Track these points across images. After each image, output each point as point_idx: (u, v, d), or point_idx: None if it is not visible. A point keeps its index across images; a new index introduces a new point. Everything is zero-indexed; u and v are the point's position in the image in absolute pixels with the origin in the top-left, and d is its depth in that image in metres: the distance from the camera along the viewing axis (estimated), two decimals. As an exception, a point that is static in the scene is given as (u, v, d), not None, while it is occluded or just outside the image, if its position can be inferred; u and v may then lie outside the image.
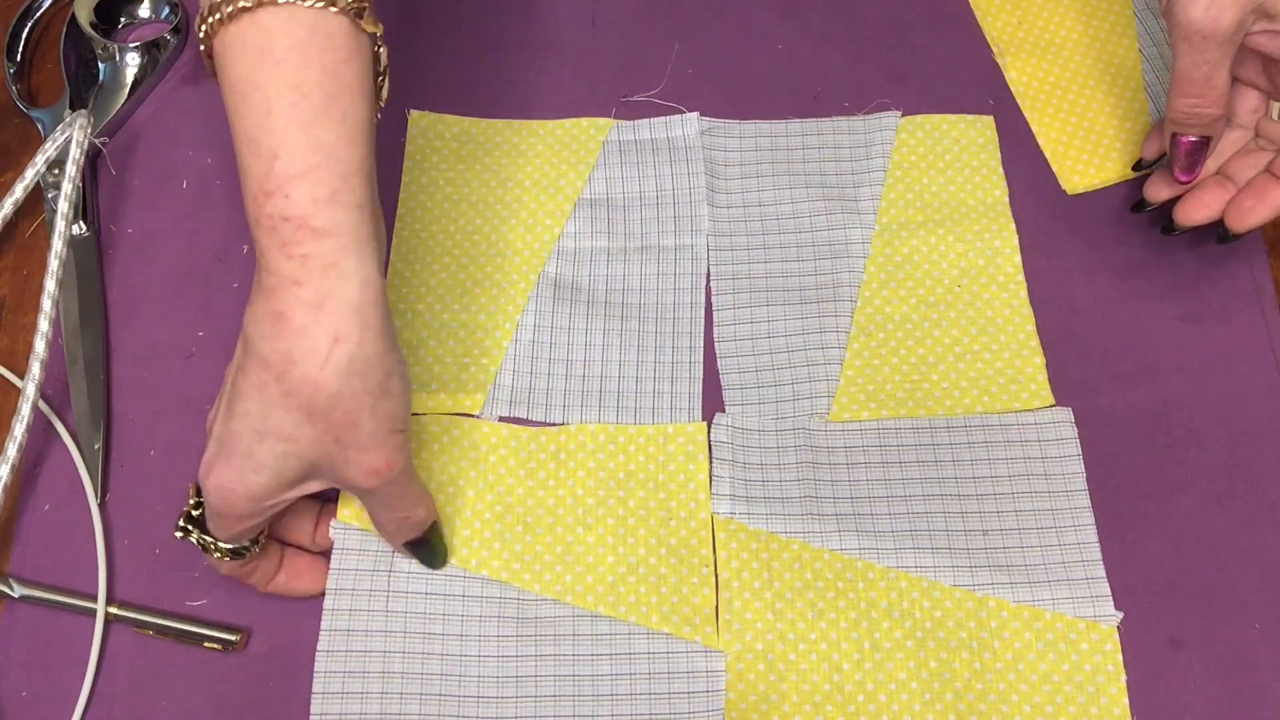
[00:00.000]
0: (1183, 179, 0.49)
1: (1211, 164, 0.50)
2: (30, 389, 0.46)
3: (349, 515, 0.46)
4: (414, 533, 0.44)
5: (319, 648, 0.45)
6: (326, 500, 0.47)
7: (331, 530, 0.46)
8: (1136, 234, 0.54)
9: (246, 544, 0.43)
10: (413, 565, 0.46)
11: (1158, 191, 0.51)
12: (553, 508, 0.48)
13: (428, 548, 0.45)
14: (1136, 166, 0.53)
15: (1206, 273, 0.53)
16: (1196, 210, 0.50)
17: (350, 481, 0.40)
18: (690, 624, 0.45)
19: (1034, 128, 0.57)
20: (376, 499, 0.41)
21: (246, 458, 0.39)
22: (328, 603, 0.45)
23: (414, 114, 0.57)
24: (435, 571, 0.46)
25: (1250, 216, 0.49)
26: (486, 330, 0.52)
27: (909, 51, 0.59)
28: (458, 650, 0.45)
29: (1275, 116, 0.50)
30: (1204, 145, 0.49)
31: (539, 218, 0.54)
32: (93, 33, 0.57)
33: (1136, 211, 0.53)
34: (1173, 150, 0.49)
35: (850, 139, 0.56)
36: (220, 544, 0.42)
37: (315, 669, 0.44)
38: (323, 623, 0.45)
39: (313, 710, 0.44)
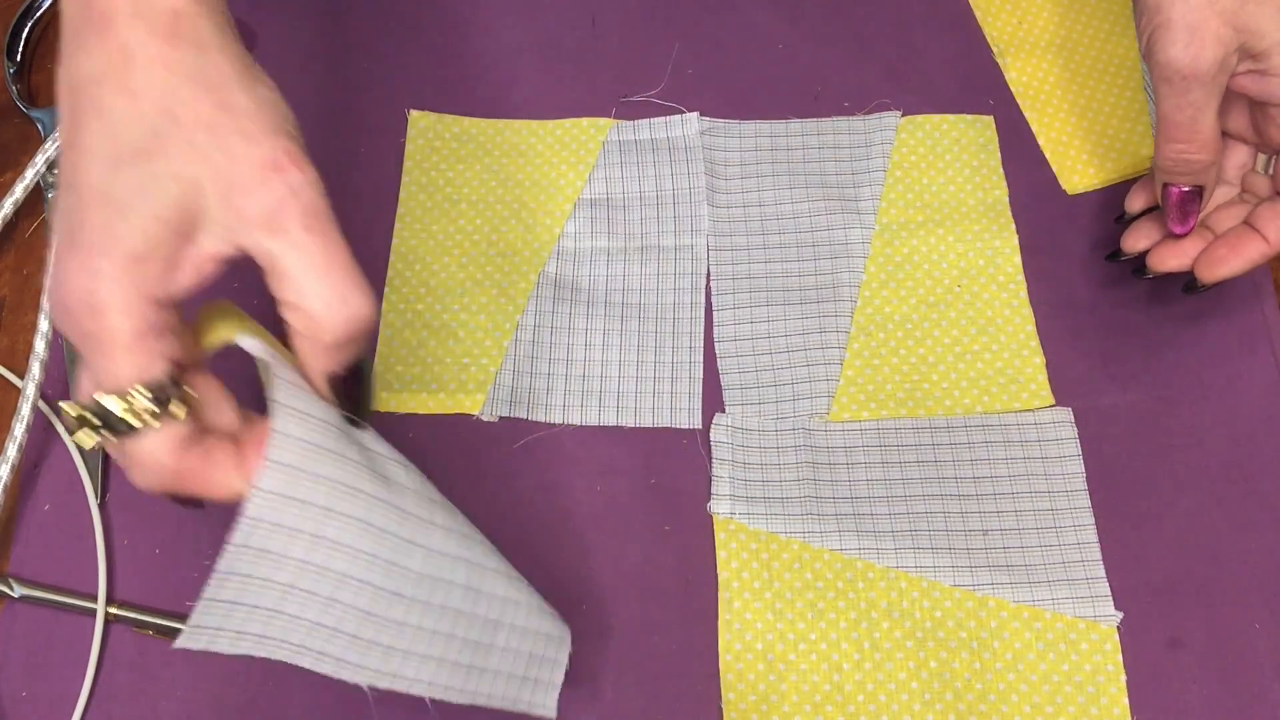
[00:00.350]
0: (1177, 231, 0.47)
1: None
2: (30, 389, 0.46)
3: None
4: (355, 336, 0.33)
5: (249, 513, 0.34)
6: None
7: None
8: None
9: (165, 383, 0.31)
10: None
11: (1135, 242, 0.50)
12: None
13: (359, 382, 0.35)
14: (1119, 220, 0.52)
15: (1206, 273, 0.53)
16: (1172, 256, 0.48)
17: (246, 189, 0.31)
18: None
19: (1034, 128, 0.57)
20: (297, 244, 0.31)
21: (103, 208, 0.30)
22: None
23: (414, 114, 0.57)
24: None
25: (1221, 267, 0.46)
26: (486, 330, 0.52)
27: (909, 51, 0.59)
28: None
29: (1261, 169, 0.48)
30: (1197, 195, 0.46)
31: (539, 218, 0.54)
32: (93, 33, 0.57)
33: (1111, 260, 0.52)
34: (1165, 201, 0.47)
35: (850, 139, 0.56)
36: (131, 395, 0.30)
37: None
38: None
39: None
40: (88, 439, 0.31)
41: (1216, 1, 0.42)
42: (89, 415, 0.31)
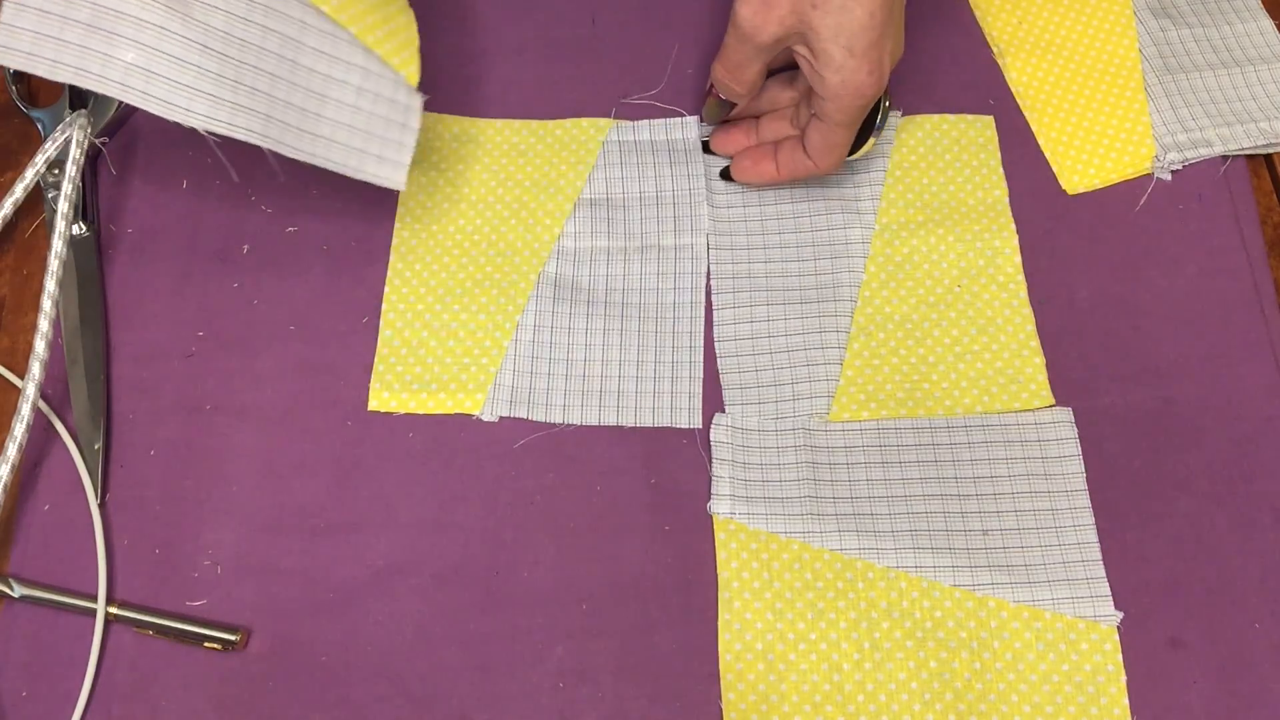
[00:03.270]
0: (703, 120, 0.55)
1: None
2: (30, 389, 0.46)
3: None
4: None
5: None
6: None
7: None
8: (1136, 234, 0.54)
9: None
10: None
11: (720, 145, 0.56)
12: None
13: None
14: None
15: (1207, 272, 0.53)
16: (725, 144, 0.55)
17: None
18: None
19: (1034, 128, 0.57)
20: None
21: None
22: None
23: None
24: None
25: (742, 176, 0.54)
26: (486, 330, 0.52)
27: (909, 51, 0.59)
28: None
29: (798, 122, 0.53)
30: (729, 104, 0.53)
31: (539, 217, 0.54)
32: (93, 33, 0.57)
33: (706, 153, 0.56)
34: (708, 92, 0.54)
35: (850, 139, 0.56)
36: None
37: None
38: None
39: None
40: None
41: None
42: None
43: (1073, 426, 0.50)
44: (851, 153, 0.52)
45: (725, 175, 0.55)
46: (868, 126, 0.51)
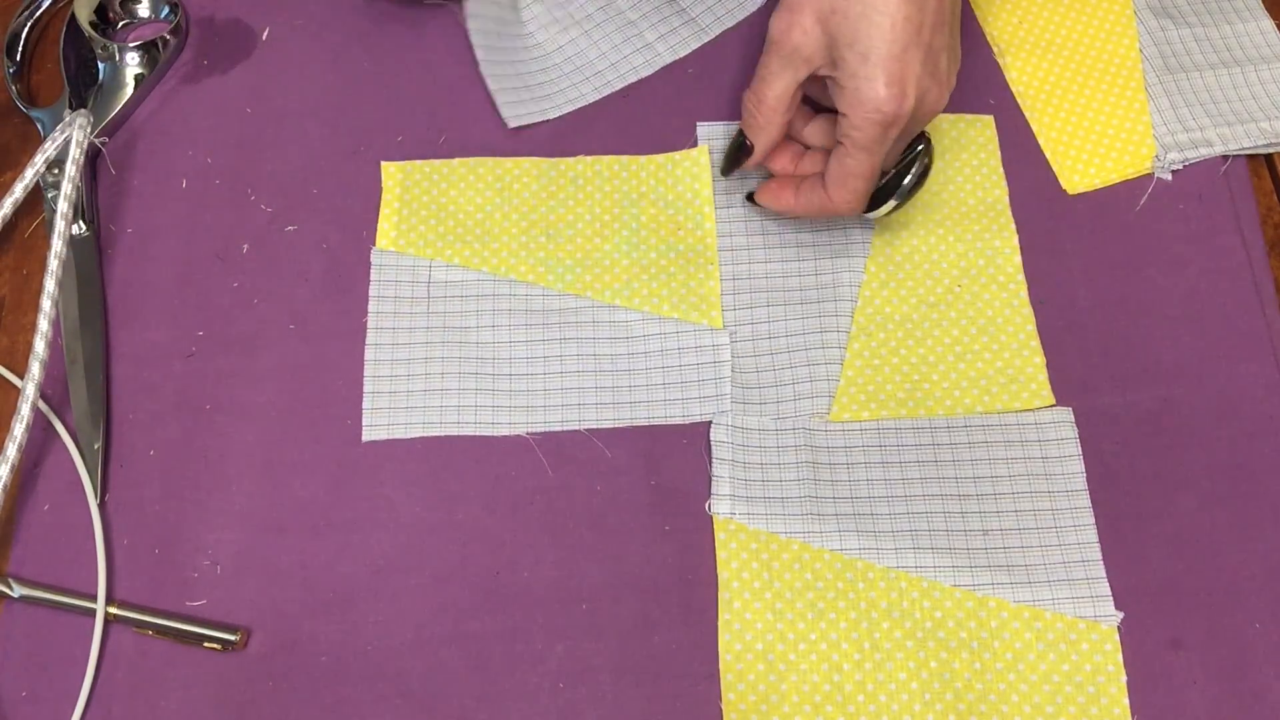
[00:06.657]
0: (722, 170, 0.53)
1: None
2: (30, 389, 0.46)
3: (385, 244, 0.52)
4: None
5: (367, 342, 0.51)
6: None
7: (372, 255, 0.52)
8: (1136, 234, 0.54)
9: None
10: (448, 274, 0.52)
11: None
12: (572, 222, 0.54)
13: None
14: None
15: (1206, 273, 0.53)
16: (770, 198, 0.52)
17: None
18: (697, 310, 0.52)
19: (1034, 128, 0.57)
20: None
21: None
22: (371, 308, 0.51)
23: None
24: (467, 277, 0.52)
25: (763, 198, 0.52)
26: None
27: (909, 51, 0.59)
28: (490, 339, 0.51)
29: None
30: (749, 150, 0.51)
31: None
32: (93, 33, 0.57)
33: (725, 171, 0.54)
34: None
35: (850, 139, 0.56)
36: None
37: (365, 360, 0.51)
38: (368, 322, 0.51)
39: (365, 403, 0.50)
40: None
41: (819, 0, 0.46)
42: None
43: (1073, 426, 0.50)
44: (872, 208, 0.50)
45: (750, 198, 0.53)
46: (893, 186, 0.49)
